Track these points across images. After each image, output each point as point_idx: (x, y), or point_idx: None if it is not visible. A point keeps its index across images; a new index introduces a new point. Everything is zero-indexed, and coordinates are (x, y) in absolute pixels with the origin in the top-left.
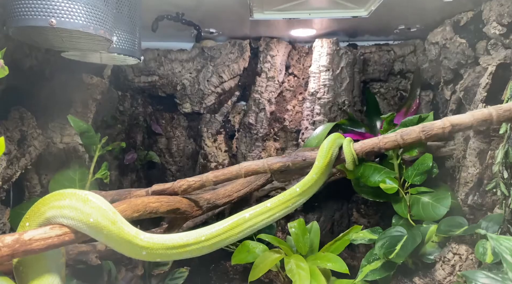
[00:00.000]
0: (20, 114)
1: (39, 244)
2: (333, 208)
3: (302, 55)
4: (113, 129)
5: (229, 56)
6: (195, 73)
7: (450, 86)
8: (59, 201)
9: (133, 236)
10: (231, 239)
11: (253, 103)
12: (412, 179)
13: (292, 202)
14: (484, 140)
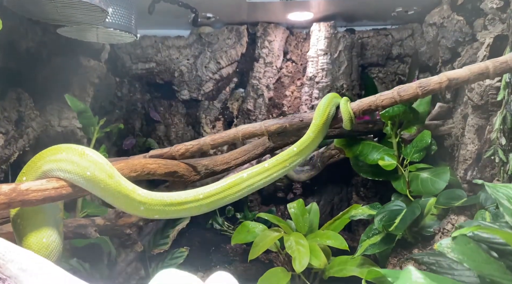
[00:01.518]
0: (18, 95)
1: (36, 195)
2: (332, 192)
3: (300, 41)
4: (111, 115)
5: (227, 41)
6: (193, 60)
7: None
8: (56, 155)
9: (131, 190)
10: (229, 199)
11: (251, 89)
12: (411, 156)
13: (289, 162)
14: (482, 116)
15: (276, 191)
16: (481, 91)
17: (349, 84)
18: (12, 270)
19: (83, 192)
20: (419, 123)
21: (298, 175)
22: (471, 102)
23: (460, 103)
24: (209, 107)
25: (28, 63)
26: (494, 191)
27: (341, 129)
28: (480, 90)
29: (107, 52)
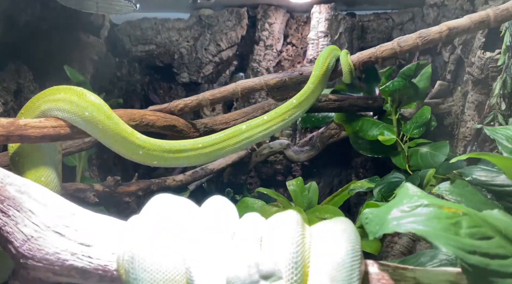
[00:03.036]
0: (17, 66)
1: (34, 131)
2: (332, 174)
3: (300, 24)
4: (110, 95)
5: (227, 23)
6: (193, 42)
7: (449, 47)
8: (54, 95)
9: (130, 133)
10: (228, 149)
11: (251, 73)
12: (411, 132)
13: (289, 114)
14: (482, 91)
15: (275, 174)
16: (481, 65)
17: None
18: (11, 192)
19: (81, 134)
20: (419, 99)
21: (298, 156)
22: (471, 77)
23: (460, 83)
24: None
25: (27, 37)
26: (493, 133)
27: (340, 103)
28: (481, 63)
29: (106, 30)
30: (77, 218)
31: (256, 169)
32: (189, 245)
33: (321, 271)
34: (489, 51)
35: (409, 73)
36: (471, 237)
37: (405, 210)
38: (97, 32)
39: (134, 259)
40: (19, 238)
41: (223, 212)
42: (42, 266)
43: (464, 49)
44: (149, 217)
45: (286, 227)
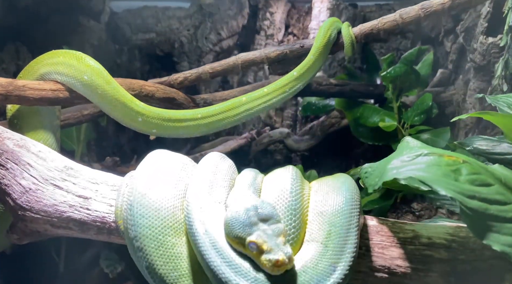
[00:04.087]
0: (16, 48)
1: (33, 93)
2: (332, 163)
3: (302, 14)
4: None
5: (228, 12)
6: (193, 30)
7: (451, 37)
8: (53, 58)
9: (129, 99)
10: (228, 121)
11: None
12: (412, 119)
13: (289, 87)
14: (484, 78)
15: (275, 164)
16: (483, 51)
17: (350, 56)
18: (9, 146)
19: (80, 99)
20: (420, 85)
21: (298, 145)
22: (473, 64)
23: (462, 71)
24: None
25: (27, 20)
26: (494, 101)
27: (341, 88)
28: (483, 49)
29: (107, 15)
30: (75, 172)
31: (255, 158)
32: (187, 193)
33: (321, 218)
34: (491, 37)
35: (411, 59)
36: (471, 183)
37: (405, 159)
38: (97, 17)
39: (132, 206)
40: (17, 190)
41: (220, 164)
42: (40, 218)
43: (466, 37)
44: (146, 169)
45: (285, 178)
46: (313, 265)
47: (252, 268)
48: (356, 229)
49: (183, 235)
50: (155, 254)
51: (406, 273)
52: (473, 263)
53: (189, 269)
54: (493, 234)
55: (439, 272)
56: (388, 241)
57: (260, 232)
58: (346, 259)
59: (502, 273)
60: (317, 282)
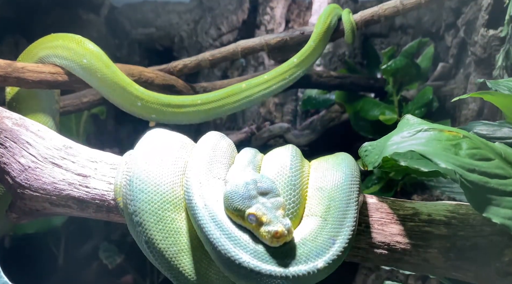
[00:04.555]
0: (15, 40)
1: (32, 75)
2: None
3: (302, 9)
4: None
5: (228, 7)
6: (193, 25)
7: (452, 31)
8: (53, 42)
9: (128, 83)
10: (228, 108)
11: (252, 57)
12: (412, 113)
13: (289, 74)
14: (485, 71)
15: None
16: (484, 43)
17: (351, 51)
18: (8, 124)
19: (80, 83)
20: (421, 79)
21: (298, 139)
22: (474, 57)
23: (462, 65)
24: (208, 75)
25: (26, 13)
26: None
27: (342, 80)
28: (484, 41)
29: (106, 8)
30: (74, 151)
31: None
32: (186, 169)
33: (320, 193)
34: (492, 29)
35: (411, 51)
36: (471, 158)
37: (405, 135)
38: (97, 10)
39: (132, 181)
40: (16, 168)
41: (220, 143)
42: (39, 196)
43: (467, 30)
44: (145, 146)
45: (284, 155)
46: (312, 238)
47: (251, 240)
48: (355, 204)
49: (182, 211)
50: (155, 228)
51: (406, 249)
52: (473, 239)
53: (189, 244)
54: (493, 207)
55: (439, 248)
56: (387, 218)
57: (259, 205)
58: (346, 232)
59: (501, 248)
60: (316, 254)
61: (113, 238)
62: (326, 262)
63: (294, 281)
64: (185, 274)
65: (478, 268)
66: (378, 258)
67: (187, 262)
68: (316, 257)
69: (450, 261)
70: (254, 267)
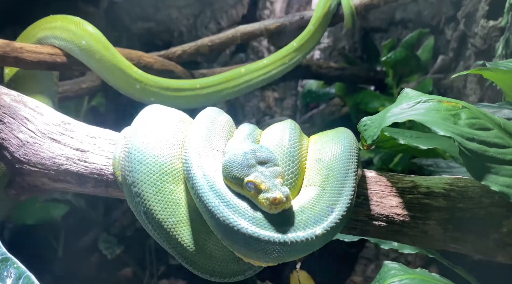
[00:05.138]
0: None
1: (30, 56)
2: None
3: (302, 4)
4: None
5: (228, 2)
6: (193, 20)
7: (452, 24)
8: (51, 23)
9: (127, 65)
10: (227, 93)
11: (252, 52)
12: None
13: (289, 58)
14: None
15: None
16: (484, 34)
17: (351, 45)
18: (6, 101)
19: (78, 65)
20: (421, 71)
21: None
22: (473, 48)
23: (462, 58)
24: (208, 68)
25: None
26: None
27: (342, 71)
28: (484, 33)
29: (106, 1)
30: (72, 126)
31: None
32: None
33: (319, 164)
34: (492, 20)
35: (412, 42)
36: (470, 127)
37: (404, 107)
38: (97, 3)
39: (130, 153)
40: (15, 144)
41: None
42: (38, 171)
43: (467, 22)
44: (143, 119)
45: (283, 128)
46: (311, 206)
47: (250, 208)
48: (354, 174)
49: (181, 183)
50: (153, 199)
51: (405, 221)
52: (472, 210)
53: (187, 216)
54: (492, 175)
55: (438, 220)
56: (386, 190)
57: (258, 173)
58: (344, 201)
59: (500, 219)
60: (315, 221)
61: (113, 232)
62: (324, 229)
63: (292, 247)
64: (184, 244)
65: (476, 240)
66: (376, 230)
67: (185, 233)
68: (314, 224)
69: (449, 232)
70: (253, 233)
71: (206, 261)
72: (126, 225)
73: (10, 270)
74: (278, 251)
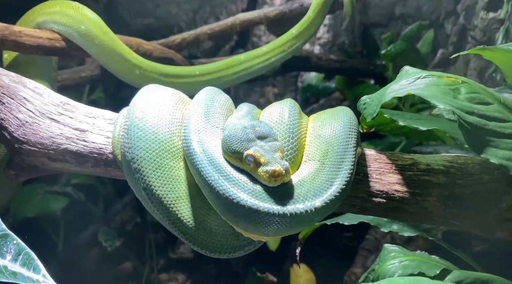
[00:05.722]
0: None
1: (29, 40)
2: None
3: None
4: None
5: None
6: (192, 15)
7: (451, 18)
8: (50, 8)
9: (127, 51)
10: (226, 80)
11: (251, 47)
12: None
13: (288, 46)
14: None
15: None
16: (484, 26)
17: (351, 40)
18: (5, 81)
19: (77, 51)
20: (421, 64)
21: None
22: (473, 41)
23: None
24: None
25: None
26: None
27: (341, 64)
28: (483, 25)
29: None
30: (71, 107)
31: None
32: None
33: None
34: (492, 12)
35: (411, 35)
36: (470, 101)
37: (404, 84)
38: None
39: (130, 130)
40: (14, 124)
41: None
42: (37, 150)
43: (467, 16)
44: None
45: (283, 106)
46: (310, 179)
47: (249, 181)
48: (353, 149)
49: (181, 161)
50: (153, 175)
51: (404, 197)
52: (471, 187)
53: (187, 192)
54: (491, 149)
55: (437, 196)
56: (386, 168)
57: (257, 147)
58: (343, 174)
59: (499, 195)
60: (314, 194)
61: (113, 226)
62: (324, 202)
63: (291, 218)
64: (184, 220)
65: (476, 215)
66: (376, 207)
67: (185, 209)
68: (313, 197)
69: (448, 209)
70: (252, 205)
71: (206, 236)
72: (126, 220)
73: (10, 246)
74: (277, 223)
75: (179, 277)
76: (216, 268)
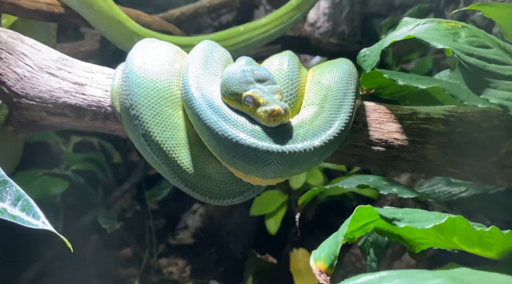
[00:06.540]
0: None
1: (27, 3)
2: None
3: None
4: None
5: None
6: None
7: (451, 6)
8: None
9: (125, 18)
10: None
11: None
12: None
13: (288, 17)
14: None
15: None
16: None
17: (350, 30)
18: (3, 37)
19: (75, 18)
20: (420, 49)
21: None
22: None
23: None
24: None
25: None
26: None
27: (341, 48)
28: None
29: None
30: (69, 62)
31: None
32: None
33: (318, 86)
34: None
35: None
36: (470, 44)
37: (403, 31)
38: None
39: (128, 77)
40: (12, 78)
41: (215, 47)
42: (36, 104)
43: (467, 3)
44: (141, 48)
45: (282, 57)
46: (309, 121)
47: (248, 122)
48: (353, 94)
49: (180, 110)
50: (152, 122)
51: (403, 145)
52: (471, 134)
53: (186, 140)
54: (491, 90)
55: (437, 144)
56: (385, 117)
57: (256, 89)
58: (342, 117)
59: (499, 142)
60: (313, 135)
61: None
62: (323, 142)
63: (290, 157)
64: (183, 167)
65: (475, 163)
66: (375, 155)
67: (185, 156)
68: (312, 137)
69: (447, 156)
70: (251, 144)
71: (205, 183)
72: (126, 208)
73: (8, 192)
74: (276, 162)
75: (179, 262)
76: (216, 253)
